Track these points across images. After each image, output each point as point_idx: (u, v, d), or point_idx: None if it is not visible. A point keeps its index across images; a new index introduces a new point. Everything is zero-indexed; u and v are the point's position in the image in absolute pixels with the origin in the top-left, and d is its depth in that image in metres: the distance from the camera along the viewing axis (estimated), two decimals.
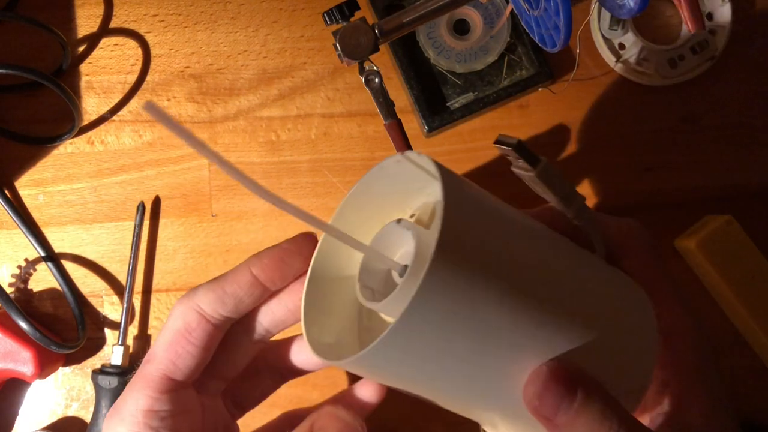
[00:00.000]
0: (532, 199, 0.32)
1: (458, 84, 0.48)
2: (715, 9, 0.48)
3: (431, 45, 0.47)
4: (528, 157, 0.28)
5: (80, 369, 0.47)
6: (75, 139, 0.48)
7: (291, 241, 0.29)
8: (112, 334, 0.47)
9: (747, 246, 0.46)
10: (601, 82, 0.49)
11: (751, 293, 0.45)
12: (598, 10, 0.48)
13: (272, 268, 0.29)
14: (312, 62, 0.49)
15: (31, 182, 0.48)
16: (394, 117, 0.37)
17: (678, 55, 0.48)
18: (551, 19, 0.33)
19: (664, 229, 0.48)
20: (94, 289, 0.48)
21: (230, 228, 0.48)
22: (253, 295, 0.29)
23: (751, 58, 0.50)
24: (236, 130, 0.48)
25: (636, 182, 0.49)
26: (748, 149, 0.49)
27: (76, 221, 0.48)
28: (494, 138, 0.29)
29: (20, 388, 0.47)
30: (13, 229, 0.47)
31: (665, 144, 0.49)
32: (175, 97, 0.49)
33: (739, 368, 0.48)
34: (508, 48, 0.47)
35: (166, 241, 0.48)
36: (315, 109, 0.49)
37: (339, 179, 0.48)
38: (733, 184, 0.49)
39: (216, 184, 0.48)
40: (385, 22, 0.35)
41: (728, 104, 0.49)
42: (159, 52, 0.49)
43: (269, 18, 0.49)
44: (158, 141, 0.48)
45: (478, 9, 0.47)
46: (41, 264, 0.47)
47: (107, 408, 0.44)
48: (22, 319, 0.41)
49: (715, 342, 0.48)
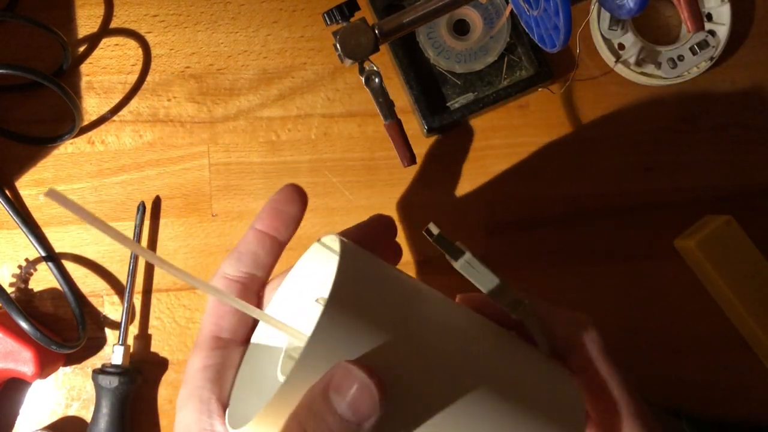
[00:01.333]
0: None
1: (458, 84, 0.48)
2: (714, 9, 0.48)
3: (431, 45, 0.47)
4: (449, 250, 0.28)
5: (81, 369, 0.47)
6: (75, 139, 0.48)
7: (279, 193, 0.32)
8: (113, 334, 0.47)
9: (746, 246, 0.46)
10: (600, 83, 0.49)
11: (751, 293, 0.45)
12: (597, 11, 0.48)
13: (271, 217, 0.32)
14: (312, 62, 0.49)
15: (32, 182, 0.48)
16: (394, 117, 0.37)
17: (678, 56, 0.48)
18: (551, 20, 0.33)
19: (664, 229, 0.48)
20: (94, 289, 0.48)
21: (230, 228, 0.48)
22: (264, 246, 0.31)
23: (750, 58, 0.50)
24: (236, 130, 0.49)
25: (636, 182, 0.49)
26: (748, 149, 0.49)
27: (77, 221, 0.48)
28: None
29: (21, 388, 0.47)
30: (14, 229, 0.47)
31: (665, 144, 0.49)
32: (176, 97, 0.49)
33: (739, 368, 0.48)
34: (507, 48, 0.47)
35: (167, 241, 0.48)
36: (315, 109, 0.49)
37: (339, 179, 0.49)
38: (733, 184, 0.49)
39: (216, 184, 0.48)
40: (385, 23, 0.35)
41: (728, 104, 0.49)
42: (159, 53, 0.49)
43: (269, 18, 0.49)
44: (159, 141, 0.48)
45: (478, 9, 0.47)
46: (42, 264, 0.47)
47: (107, 408, 0.44)
48: (22, 319, 0.41)
49: (715, 342, 0.48)
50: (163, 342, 0.47)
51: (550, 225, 0.48)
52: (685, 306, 0.48)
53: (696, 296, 0.48)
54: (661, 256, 0.48)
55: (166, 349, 0.47)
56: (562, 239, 0.49)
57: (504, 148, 0.49)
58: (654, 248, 0.48)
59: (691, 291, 0.48)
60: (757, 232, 0.46)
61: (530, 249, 0.48)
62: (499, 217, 0.48)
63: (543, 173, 0.49)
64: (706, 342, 0.48)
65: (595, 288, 0.48)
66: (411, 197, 0.48)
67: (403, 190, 0.48)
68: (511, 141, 0.49)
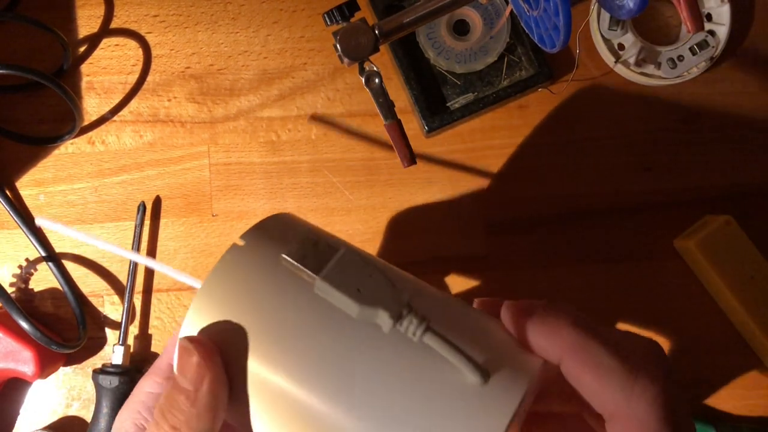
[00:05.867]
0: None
1: (458, 84, 0.48)
2: (714, 9, 0.48)
3: (431, 45, 0.47)
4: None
5: (81, 369, 0.47)
6: (76, 139, 0.48)
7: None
8: (113, 334, 0.47)
9: (746, 246, 0.46)
10: (600, 83, 0.49)
11: (751, 293, 0.45)
12: (597, 11, 0.48)
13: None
14: (312, 63, 0.49)
15: (32, 182, 0.48)
16: (394, 117, 0.37)
17: (677, 56, 0.48)
18: (551, 20, 0.33)
19: (664, 229, 0.48)
20: (94, 289, 0.48)
21: (231, 228, 0.48)
22: None
23: (750, 58, 0.50)
24: (237, 131, 0.49)
25: (636, 182, 0.49)
26: (748, 149, 0.49)
27: (77, 221, 0.48)
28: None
29: (21, 388, 0.47)
30: (14, 229, 0.47)
31: (665, 144, 0.49)
32: (176, 97, 0.49)
33: (738, 368, 0.48)
34: (507, 48, 0.47)
35: (167, 241, 0.48)
36: (315, 109, 0.49)
37: (339, 179, 0.49)
38: (732, 184, 0.49)
39: (217, 184, 0.48)
40: (385, 23, 0.35)
41: (727, 104, 0.49)
42: (160, 53, 0.49)
43: (270, 18, 0.49)
44: (159, 141, 0.49)
45: (477, 10, 0.47)
46: (42, 264, 0.47)
47: (108, 407, 0.44)
48: (23, 319, 0.41)
49: (715, 342, 0.48)
50: (164, 342, 0.47)
51: (550, 225, 0.49)
52: (685, 306, 0.48)
53: (696, 296, 0.48)
54: (661, 256, 0.48)
55: None
56: (562, 239, 0.49)
57: (504, 148, 0.49)
58: (654, 248, 0.48)
59: (691, 291, 0.48)
60: (757, 232, 0.46)
61: (530, 249, 0.48)
62: (498, 217, 0.48)
63: (543, 173, 0.49)
64: (706, 342, 0.48)
65: (595, 288, 0.48)
66: (411, 197, 0.49)
67: (403, 190, 0.49)
68: (511, 141, 0.49)
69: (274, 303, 0.27)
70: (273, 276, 0.27)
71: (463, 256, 0.48)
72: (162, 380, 0.31)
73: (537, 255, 0.48)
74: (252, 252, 0.28)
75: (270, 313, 0.26)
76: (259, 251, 0.28)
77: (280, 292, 0.27)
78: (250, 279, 0.27)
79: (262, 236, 0.29)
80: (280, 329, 0.26)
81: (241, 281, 0.27)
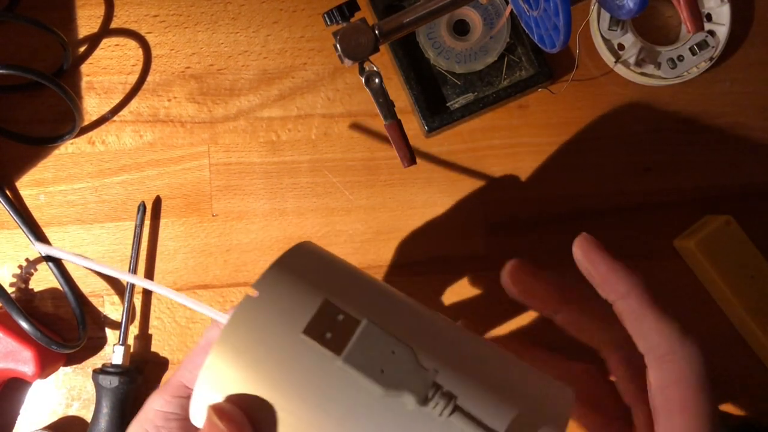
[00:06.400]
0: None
1: (458, 84, 0.48)
2: (714, 9, 0.48)
3: (431, 45, 0.47)
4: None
5: (81, 369, 0.47)
6: (76, 139, 0.48)
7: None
8: (113, 334, 0.47)
9: (746, 246, 0.46)
10: (600, 83, 0.49)
11: (751, 293, 0.45)
12: (597, 11, 0.48)
13: None
14: (312, 63, 0.49)
15: (32, 182, 0.48)
16: (394, 117, 0.37)
17: (677, 56, 0.48)
18: (551, 20, 0.33)
19: (664, 229, 0.48)
20: (94, 289, 0.48)
21: (231, 228, 0.48)
22: None
23: (749, 59, 0.50)
24: (237, 131, 0.49)
25: (636, 182, 0.49)
26: (748, 149, 0.49)
27: (77, 221, 0.48)
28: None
29: (21, 388, 0.47)
30: (14, 229, 0.47)
31: (665, 144, 0.49)
32: (176, 97, 0.49)
33: (738, 368, 0.48)
34: (507, 48, 0.47)
35: (167, 241, 0.48)
36: (315, 109, 0.49)
37: (339, 179, 0.49)
38: (732, 184, 0.49)
39: (217, 184, 0.48)
40: (385, 23, 0.35)
41: (728, 104, 0.49)
42: (160, 53, 0.49)
43: (270, 18, 0.49)
44: (159, 141, 0.49)
45: (477, 10, 0.47)
46: (42, 264, 0.47)
47: (108, 407, 0.44)
48: (23, 319, 0.41)
49: (715, 342, 0.48)
50: (164, 342, 0.47)
51: (550, 225, 0.49)
52: (685, 306, 0.48)
53: (696, 296, 0.48)
54: (661, 256, 0.48)
55: (167, 349, 0.47)
56: (562, 239, 0.48)
57: (504, 148, 0.49)
58: (654, 248, 0.48)
59: (691, 291, 0.48)
60: (757, 232, 0.46)
61: (530, 249, 0.48)
62: (498, 217, 0.48)
63: (543, 173, 0.49)
64: (706, 342, 0.48)
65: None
66: (411, 197, 0.49)
67: (403, 190, 0.49)
68: (511, 141, 0.49)
69: (297, 378, 0.26)
70: (293, 350, 0.26)
71: (463, 256, 0.48)
72: (172, 398, 0.31)
73: (537, 255, 0.48)
74: (269, 311, 0.27)
75: (293, 389, 0.26)
76: (276, 313, 0.27)
77: (303, 370, 0.26)
78: (270, 349, 0.26)
79: (279, 291, 0.27)
80: (305, 409, 0.26)
81: (261, 349, 0.26)
